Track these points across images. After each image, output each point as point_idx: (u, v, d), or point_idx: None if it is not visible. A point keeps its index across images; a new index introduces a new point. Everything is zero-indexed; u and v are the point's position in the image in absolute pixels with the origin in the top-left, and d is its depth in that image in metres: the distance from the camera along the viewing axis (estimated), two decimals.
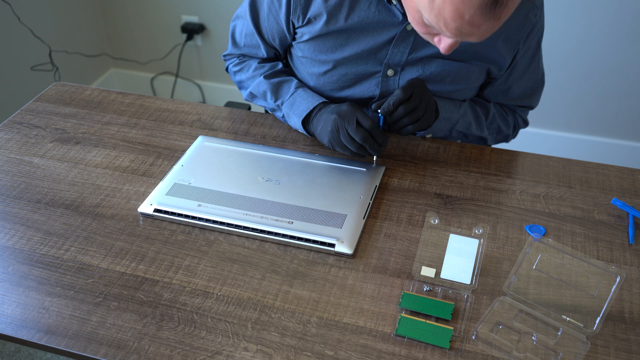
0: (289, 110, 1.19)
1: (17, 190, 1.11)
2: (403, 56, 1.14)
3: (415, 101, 1.09)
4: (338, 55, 1.16)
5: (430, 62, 1.15)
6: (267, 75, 1.24)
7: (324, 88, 1.23)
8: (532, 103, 1.31)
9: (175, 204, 1.04)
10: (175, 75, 2.89)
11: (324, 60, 1.18)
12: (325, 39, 1.16)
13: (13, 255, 0.97)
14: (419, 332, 0.85)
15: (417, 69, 1.16)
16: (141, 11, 2.76)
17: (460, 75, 1.17)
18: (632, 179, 1.14)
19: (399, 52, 1.14)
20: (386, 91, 1.19)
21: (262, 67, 1.26)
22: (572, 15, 2.26)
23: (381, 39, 1.13)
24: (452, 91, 1.19)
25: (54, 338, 0.85)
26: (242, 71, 1.30)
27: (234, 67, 1.32)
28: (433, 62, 1.15)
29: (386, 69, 1.17)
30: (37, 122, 1.29)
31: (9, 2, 2.27)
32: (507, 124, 1.31)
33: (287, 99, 1.20)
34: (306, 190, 1.07)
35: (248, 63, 1.29)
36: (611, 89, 2.37)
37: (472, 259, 0.95)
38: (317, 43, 1.17)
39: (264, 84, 1.23)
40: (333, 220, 1.01)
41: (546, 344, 0.84)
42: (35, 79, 2.48)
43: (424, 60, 1.15)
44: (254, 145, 1.19)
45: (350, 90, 1.21)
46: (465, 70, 1.16)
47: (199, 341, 0.84)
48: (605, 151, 2.50)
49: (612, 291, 0.85)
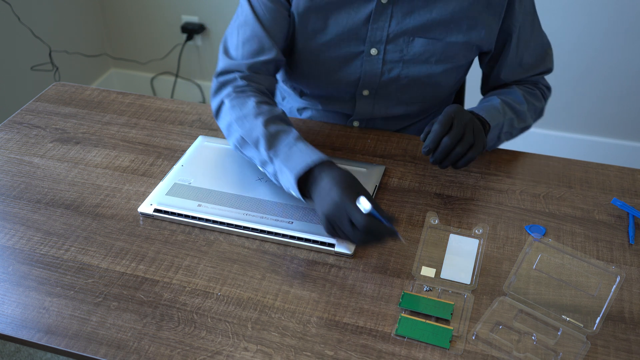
0: (283, 165, 0.98)
1: (17, 190, 1.11)
2: (384, 31, 1.14)
3: (458, 130, 1.01)
4: (321, 39, 1.16)
5: (412, 42, 1.14)
6: (265, 120, 1.04)
7: (311, 77, 1.23)
8: (549, 65, 1.27)
9: (175, 204, 1.05)
10: (175, 75, 2.89)
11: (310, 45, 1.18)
12: (307, 19, 1.15)
13: (13, 255, 0.97)
14: (419, 332, 0.85)
15: (400, 48, 1.15)
16: (141, 11, 2.76)
17: (446, 54, 1.16)
18: (632, 179, 1.14)
19: (378, 27, 1.13)
20: (369, 71, 1.18)
21: (260, 107, 1.07)
22: (571, 15, 2.26)
23: (359, 17, 1.13)
24: (440, 72, 1.18)
25: (54, 338, 0.85)
26: (235, 109, 1.08)
27: (231, 101, 1.10)
28: (416, 42, 1.14)
29: (369, 48, 1.16)
30: (37, 122, 1.29)
31: (9, 2, 2.27)
32: (537, 98, 1.25)
33: (282, 151, 1.00)
34: None
35: (245, 101, 1.09)
36: (611, 89, 2.37)
37: (472, 259, 0.95)
38: (301, 25, 1.16)
39: (259, 129, 1.03)
40: None
41: (546, 344, 0.84)
42: (35, 79, 2.48)
43: (406, 38, 1.14)
44: None
45: (337, 75, 1.21)
46: (450, 48, 1.15)
47: (199, 341, 0.84)
48: (605, 151, 2.50)
49: (612, 291, 0.85)
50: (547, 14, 2.23)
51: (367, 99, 1.25)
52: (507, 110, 1.18)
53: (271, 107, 1.09)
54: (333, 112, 1.32)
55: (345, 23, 1.14)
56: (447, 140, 1.00)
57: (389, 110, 1.27)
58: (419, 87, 1.21)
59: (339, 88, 1.24)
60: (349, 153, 1.20)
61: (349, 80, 1.21)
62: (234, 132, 1.08)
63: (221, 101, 1.12)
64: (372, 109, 1.27)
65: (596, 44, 2.29)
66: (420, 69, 1.17)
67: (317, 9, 1.14)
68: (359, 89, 1.22)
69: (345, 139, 1.24)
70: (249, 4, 1.15)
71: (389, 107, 1.26)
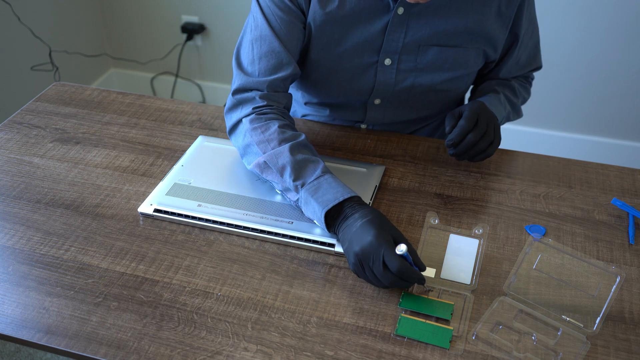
0: (310, 196, 0.97)
1: (17, 190, 1.11)
2: (399, 42, 1.14)
3: (482, 126, 1.07)
4: (337, 50, 1.15)
5: (426, 51, 1.15)
6: (291, 147, 1.02)
7: (323, 87, 1.22)
8: (539, 63, 1.32)
9: (175, 204, 1.04)
10: (175, 75, 2.89)
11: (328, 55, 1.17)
12: (323, 30, 1.13)
13: (13, 255, 0.97)
14: (419, 332, 0.85)
15: (414, 58, 1.15)
16: (141, 11, 2.76)
17: (458, 61, 1.17)
18: (632, 179, 1.14)
19: (394, 38, 1.13)
20: (383, 81, 1.18)
21: (284, 133, 1.06)
22: (571, 15, 2.26)
23: (375, 28, 1.12)
24: (451, 79, 1.19)
25: (54, 338, 0.85)
26: (256, 131, 1.06)
27: (251, 123, 1.08)
28: (429, 50, 1.15)
29: (383, 58, 1.16)
30: (37, 122, 1.29)
31: (9, 2, 2.27)
32: (527, 92, 1.33)
33: (309, 182, 0.99)
34: None
35: (267, 124, 1.07)
36: (611, 89, 2.37)
37: (472, 259, 0.95)
38: (317, 37, 1.14)
39: (286, 156, 1.01)
40: None
41: (546, 344, 0.84)
42: (35, 79, 2.48)
43: (420, 48, 1.14)
44: None
45: (350, 85, 1.20)
46: (462, 55, 1.16)
47: (199, 341, 0.84)
48: (605, 151, 2.50)
49: (612, 291, 0.85)
50: (547, 14, 2.23)
51: (379, 107, 1.25)
52: (507, 105, 1.23)
53: (294, 132, 1.08)
54: (341, 119, 1.33)
55: (361, 35, 1.13)
56: (472, 137, 1.05)
57: (398, 117, 1.28)
58: (430, 94, 1.22)
59: (350, 97, 1.24)
60: (349, 153, 1.20)
61: (361, 89, 1.21)
62: (253, 154, 1.06)
63: (239, 120, 1.10)
64: (382, 117, 1.27)
65: (596, 44, 2.29)
66: (432, 77, 1.18)
67: (334, 21, 1.12)
68: (371, 98, 1.22)
69: (345, 139, 1.24)
70: (263, 17, 1.11)
71: (400, 114, 1.27)
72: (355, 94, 1.22)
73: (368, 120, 1.29)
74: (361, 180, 1.10)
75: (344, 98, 1.24)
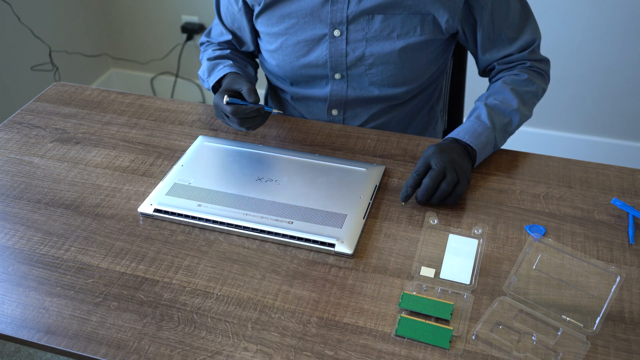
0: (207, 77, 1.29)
1: (17, 190, 1.11)
2: (343, 13, 1.18)
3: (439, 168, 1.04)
4: (286, 24, 1.22)
5: (372, 20, 1.18)
6: (209, 57, 1.31)
7: (284, 63, 1.28)
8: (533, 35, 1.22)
9: (175, 204, 1.05)
10: (175, 75, 2.89)
11: (276, 32, 1.24)
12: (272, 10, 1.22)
13: (13, 255, 0.97)
14: (419, 332, 0.85)
15: (362, 27, 1.19)
16: (141, 11, 2.76)
17: (406, 27, 1.18)
18: (632, 179, 1.14)
19: (337, 9, 1.18)
20: (334, 52, 1.23)
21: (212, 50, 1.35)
22: (571, 15, 2.26)
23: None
24: (404, 49, 1.20)
25: (54, 338, 0.85)
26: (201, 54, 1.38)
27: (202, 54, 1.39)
28: (375, 19, 1.18)
29: (332, 29, 1.20)
30: (37, 122, 1.29)
31: (9, 2, 2.27)
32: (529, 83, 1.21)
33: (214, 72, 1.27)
34: (306, 190, 1.07)
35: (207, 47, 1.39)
36: (611, 89, 2.37)
37: (472, 259, 0.95)
38: (267, 16, 1.24)
39: (205, 64, 1.31)
40: (333, 220, 1.01)
41: (546, 344, 0.84)
42: (35, 79, 2.48)
43: (366, 17, 1.18)
44: (254, 145, 1.19)
45: (306, 59, 1.25)
46: (409, 22, 1.17)
47: (199, 341, 0.84)
48: (605, 151, 2.50)
49: (612, 291, 0.85)
50: (548, 15, 2.23)
51: (340, 82, 1.28)
52: (496, 120, 1.15)
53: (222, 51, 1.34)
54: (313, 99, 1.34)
55: (306, 5, 1.19)
56: (428, 180, 1.03)
57: (363, 93, 1.29)
58: (386, 65, 1.23)
59: (310, 73, 1.28)
60: (349, 153, 1.20)
61: (318, 63, 1.25)
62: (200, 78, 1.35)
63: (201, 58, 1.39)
64: (345, 92, 1.29)
65: (596, 44, 2.29)
66: (383, 46, 1.20)
67: None
68: (330, 72, 1.26)
69: (345, 139, 1.24)
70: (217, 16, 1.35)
71: (362, 89, 1.28)
72: (314, 69, 1.27)
73: (333, 97, 1.30)
74: (361, 180, 1.10)
75: (306, 75, 1.29)
